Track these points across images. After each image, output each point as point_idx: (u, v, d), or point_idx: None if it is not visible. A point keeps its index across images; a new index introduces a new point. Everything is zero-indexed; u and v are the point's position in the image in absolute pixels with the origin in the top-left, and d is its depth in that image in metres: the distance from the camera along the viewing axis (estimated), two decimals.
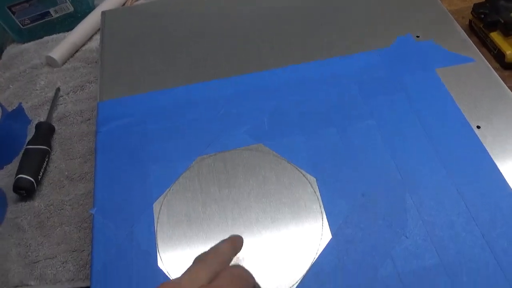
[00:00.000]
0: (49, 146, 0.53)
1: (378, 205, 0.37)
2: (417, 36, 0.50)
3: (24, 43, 0.70)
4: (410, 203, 0.36)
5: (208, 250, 0.29)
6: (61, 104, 0.59)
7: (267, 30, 0.53)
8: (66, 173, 0.51)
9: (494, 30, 0.59)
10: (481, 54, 0.48)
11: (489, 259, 0.33)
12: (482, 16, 0.59)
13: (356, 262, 0.34)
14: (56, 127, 0.56)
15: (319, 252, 0.34)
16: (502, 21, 0.57)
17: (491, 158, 0.39)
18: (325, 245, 0.35)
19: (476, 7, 0.61)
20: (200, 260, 0.27)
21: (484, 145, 0.40)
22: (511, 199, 0.36)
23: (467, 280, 0.32)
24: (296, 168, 0.40)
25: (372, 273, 0.33)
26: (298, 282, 0.33)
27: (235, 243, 0.31)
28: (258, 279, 0.33)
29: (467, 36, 0.50)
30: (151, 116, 0.45)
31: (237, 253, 0.31)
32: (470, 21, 0.63)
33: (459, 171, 0.38)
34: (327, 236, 0.35)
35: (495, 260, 0.33)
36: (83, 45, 0.68)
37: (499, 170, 0.38)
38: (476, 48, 0.48)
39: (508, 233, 0.34)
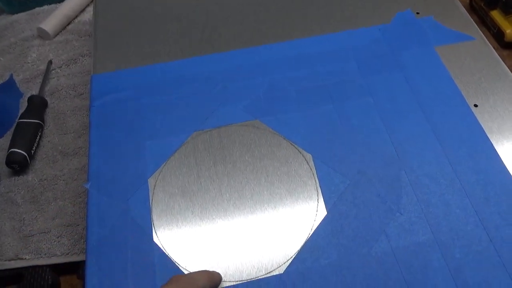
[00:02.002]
0: (42, 120, 0.52)
1: (373, 182, 0.37)
2: (417, 13, 0.49)
3: (14, 14, 0.68)
4: (405, 180, 0.37)
5: (186, 274, 0.29)
6: (54, 78, 0.58)
7: (265, 3, 0.52)
8: (60, 147, 0.50)
9: (494, 9, 0.58)
10: (481, 32, 0.47)
11: (482, 235, 0.33)
12: None
13: (351, 238, 0.34)
14: (48, 101, 0.55)
15: (314, 228, 0.35)
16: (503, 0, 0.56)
17: (487, 137, 0.39)
18: (320, 221, 0.35)
19: None
20: (175, 280, 0.28)
21: (481, 123, 0.40)
22: (506, 177, 0.36)
23: (460, 256, 0.32)
24: (293, 145, 0.40)
25: (366, 249, 0.33)
26: (293, 257, 0.33)
27: (213, 277, 0.31)
28: (252, 255, 0.34)
29: (467, 14, 0.49)
30: (146, 90, 0.44)
31: (213, 287, 0.31)
32: None
33: (455, 149, 0.38)
34: (322, 212, 0.35)
35: (487, 236, 0.33)
36: (76, 17, 0.66)
37: (494, 149, 0.38)
38: (476, 26, 0.48)
39: (501, 210, 0.34)
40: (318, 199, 0.36)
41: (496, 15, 0.57)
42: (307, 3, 0.51)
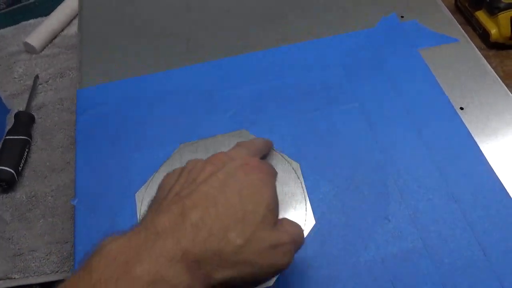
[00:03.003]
0: (29, 136, 0.52)
1: (361, 189, 0.36)
2: (402, 16, 0.49)
3: (0, 28, 0.67)
4: (393, 186, 0.36)
5: (245, 141, 0.34)
6: (41, 93, 0.57)
7: (248, 12, 0.52)
8: (48, 163, 0.50)
9: (479, 9, 0.58)
10: (465, 34, 0.47)
11: (470, 240, 0.33)
12: None
13: (340, 246, 0.34)
14: (35, 116, 0.55)
15: None
16: (487, 0, 0.56)
17: (474, 140, 0.39)
18: (308, 230, 0.35)
19: None
20: (240, 144, 0.32)
21: (467, 126, 0.39)
22: (493, 181, 0.36)
23: (448, 261, 0.32)
24: (280, 154, 0.39)
25: (355, 257, 0.33)
26: None
27: (267, 142, 0.37)
28: None
29: (451, 16, 0.49)
30: (132, 102, 0.44)
31: (267, 150, 0.37)
32: None
33: (442, 153, 0.38)
34: (310, 221, 0.35)
35: (476, 241, 0.33)
36: (62, 30, 0.66)
37: (481, 152, 0.38)
38: (460, 27, 0.48)
39: (489, 214, 0.34)
40: (306, 208, 0.36)
41: (481, 15, 0.57)
42: (291, 10, 0.51)
